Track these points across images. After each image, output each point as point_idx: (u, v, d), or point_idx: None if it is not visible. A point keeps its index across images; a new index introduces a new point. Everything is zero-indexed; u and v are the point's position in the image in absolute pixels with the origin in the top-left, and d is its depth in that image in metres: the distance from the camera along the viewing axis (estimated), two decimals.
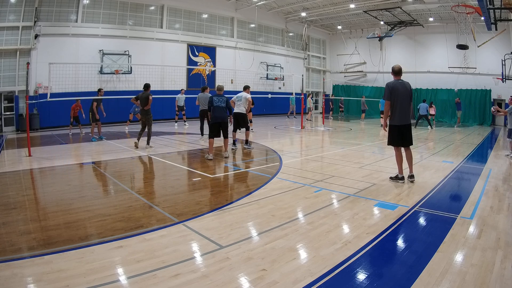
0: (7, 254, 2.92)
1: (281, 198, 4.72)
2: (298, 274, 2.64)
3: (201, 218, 3.90)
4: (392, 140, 5.66)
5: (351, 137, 12.62)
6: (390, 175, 5.86)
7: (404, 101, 5.48)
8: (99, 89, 10.97)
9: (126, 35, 16.86)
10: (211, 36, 20.63)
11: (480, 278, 2.56)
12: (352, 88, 27.09)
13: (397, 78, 5.62)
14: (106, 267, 2.71)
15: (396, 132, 5.57)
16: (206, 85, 15.76)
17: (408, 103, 5.53)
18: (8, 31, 13.76)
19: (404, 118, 5.51)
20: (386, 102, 5.59)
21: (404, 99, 5.48)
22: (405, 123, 5.55)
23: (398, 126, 5.54)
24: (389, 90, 5.49)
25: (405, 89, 5.50)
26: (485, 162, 7.81)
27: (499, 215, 4.04)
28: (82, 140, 11.16)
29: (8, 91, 14.04)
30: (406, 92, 5.49)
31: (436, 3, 18.83)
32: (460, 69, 21.36)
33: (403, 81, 5.62)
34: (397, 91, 5.45)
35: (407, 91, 5.51)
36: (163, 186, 5.60)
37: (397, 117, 5.52)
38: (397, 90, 5.46)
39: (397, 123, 5.53)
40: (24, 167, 6.87)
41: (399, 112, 5.49)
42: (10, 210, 4.12)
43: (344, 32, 27.34)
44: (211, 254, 2.98)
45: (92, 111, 10.65)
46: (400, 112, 5.48)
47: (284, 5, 22.36)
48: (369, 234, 3.43)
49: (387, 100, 5.55)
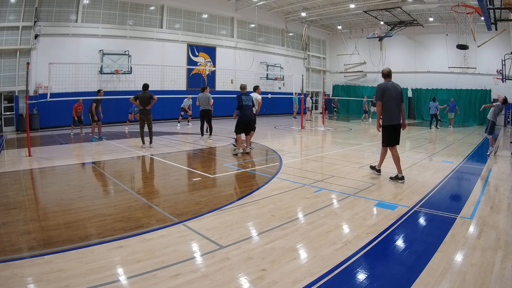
0: (7, 254, 2.92)
1: (281, 198, 4.72)
2: (298, 274, 2.64)
3: (201, 218, 3.90)
4: (389, 140, 5.73)
5: (351, 137, 12.62)
6: (390, 175, 5.87)
7: (395, 101, 5.60)
8: (98, 90, 11.00)
9: (126, 35, 16.86)
10: (211, 36, 20.63)
11: (480, 278, 2.56)
12: (352, 88, 27.09)
13: (387, 80, 5.73)
14: (106, 267, 2.71)
15: (390, 132, 5.68)
16: (206, 85, 15.79)
17: (399, 103, 5.64)
18: (8, 31, 13.76)
19: (395, 117, 5.63)
20: (378, 103, 5.71)
21: (395, 99, 5.60)
22: (396, 122, 5.66)
23: (391, 126, 5.66)
24: (381, 91, 5.62)
25: (396, 90, 5.64)
26: (485, 162, 7.81)
27: (499, 215, 4.04)
28: (83, 140, 11.16)
29: (8, 91, 14.04)
30: (397, 93, 5.63)
31: (436, 3, 18.83)
32: (460, 69, 21.35)
33: (393, 82, 5.74)
34: (389, 92, 5.57)
35: (398, 92, 5.63)
36: (163, 186, 5.60)
37: (388, 117, 5.63)
38: (389, 90, 5.58)
39: (389, 123, 5.64)
40: (24, 167, 6.87)
41: (389, 112, 5.60)
42: (10, 210, 4.12)
43: (344, 32, 27.34)
44: (211, 254, 2.98)
45: (91, 111, 10.68)
46: (390, 112, 5.60)
47: (284, 5, 22.36)
48: (369, 234, 3.43)
49: (378, 101, 5.67)
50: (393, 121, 5.64)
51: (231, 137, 11.57)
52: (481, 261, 2.84)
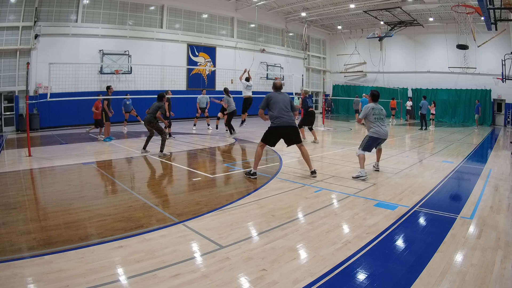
0: (7, 254, 2.92)
1: (281, 198, 4.72)
2: (298, 274, 2.64)
3: (201, 218, 3.89)
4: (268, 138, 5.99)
5: (351, 137, 12.61)
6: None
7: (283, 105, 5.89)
8: (108, 87, 10.84)
9: (126, 35, 16.86)
10: (211, 36, 20.63)
11: (480, 278, 2.56)
12: (352, 88, 27.09)
13: (276, 91, 6.11)
14: (106, 267, 2.71)
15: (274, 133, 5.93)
16: (206, 85, 15.75)
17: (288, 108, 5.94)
18: (8, 31, 13.75)
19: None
20: (260, 111, 6.06)
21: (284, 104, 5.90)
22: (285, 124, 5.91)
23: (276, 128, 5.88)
24: (266, 100, 5.93)
25: (283, 96, 6.01)
26: (485, 162, 7.81)
27: (499, 215, 4.04)
28: (83, 140, 11.16)
29: (8, 91, 14.04)
30: (285, 99, 5.97)
31: (436, 3, 18.82)
32: (460, 69, 21.36)
33: (281, 92, 6.14)
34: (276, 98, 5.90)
35: (285, 98, 5.99)
36: (163, 186, 5.60)
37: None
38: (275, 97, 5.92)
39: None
40: (24, 167, 6.87)
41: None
42: (10, 210, 4.12)
43: (344, 32, 27.34)
44: (211, 254, 2.98)
45: (104, 110, 10.59)
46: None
47: (284, 5, 22.36)
48: (369, 234, 3.43)
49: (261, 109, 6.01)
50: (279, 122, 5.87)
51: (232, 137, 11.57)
52: (481, 261, 2.84)
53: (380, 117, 6.09)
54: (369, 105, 6.15)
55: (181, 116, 17.40)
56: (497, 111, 20.86)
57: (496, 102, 20.74)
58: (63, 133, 13.02)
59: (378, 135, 6.00)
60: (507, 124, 19.79)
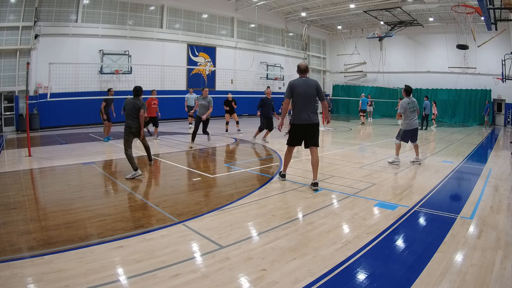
0: (7, 254, 2.92)
1: (281, 198, 4.72)
2: (298, 274, 2.64)
3: (201, 218, 3.89)
4: (292, 139, 5.34)
5: (351, 137, 12.62)
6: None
7: (307, 99, 5.09)
8: (108, 89, 10.84)
9: (126, 35, 16.86)
10: (211, 36, 20.63)
11: (480, 278, 2.56)
12: (352, 88, 27.08)
13: (302, 76, 5.20)
14: (106, 267, 2.71)
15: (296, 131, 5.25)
16: (206, 85, 15.74)
17: (311, 101, 5.12)
18: (8, 31, 13.75)
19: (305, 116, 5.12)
20: (286, 100, 5.23)
21: (307, 97, 5.09)
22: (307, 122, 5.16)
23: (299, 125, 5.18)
24: (290, 88, 5.12)
25: (308, 86, 5.11)
26: (485, 162, 7.81)
27: (499, 215, 4.04)
28: (84, 140, 11.15)
29: (8, 91, 14.03)
30: (310, 90, 5.10)
31: (436, 3, 18.82)
32: (460, 69, 21.36)
33: (308, 78, 5.22)
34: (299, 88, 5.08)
35: (311, 88, 5.11)
36: (163, 186, 5.60)
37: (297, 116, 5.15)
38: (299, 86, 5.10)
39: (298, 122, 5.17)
40: (24, 167, 6.87)
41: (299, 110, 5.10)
42: (10, 210, 4.12)
43: (344, 32, 27.33)
44: (211, 254, 2.98)
45: (101, 111, 10.57)
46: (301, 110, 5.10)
47: (284, 5, 22.36)
48: (369, 234, 3.43)
49: (286, 98, 5.20)
50: (300, 120, 5.13)
51: (230, 137, 11.58)
52: (481, 261, 2.84)
53: (414, 109, 7.02)
54: (405, 100, 6.98)
55: (181, 116, 17.43)
56: (497, 111, 20.87)
57: (496, 102, 20.75)
58: (63, 133, 13.02)
59: (411, 126, 7.03)
60: (507, 124, 19.79)
